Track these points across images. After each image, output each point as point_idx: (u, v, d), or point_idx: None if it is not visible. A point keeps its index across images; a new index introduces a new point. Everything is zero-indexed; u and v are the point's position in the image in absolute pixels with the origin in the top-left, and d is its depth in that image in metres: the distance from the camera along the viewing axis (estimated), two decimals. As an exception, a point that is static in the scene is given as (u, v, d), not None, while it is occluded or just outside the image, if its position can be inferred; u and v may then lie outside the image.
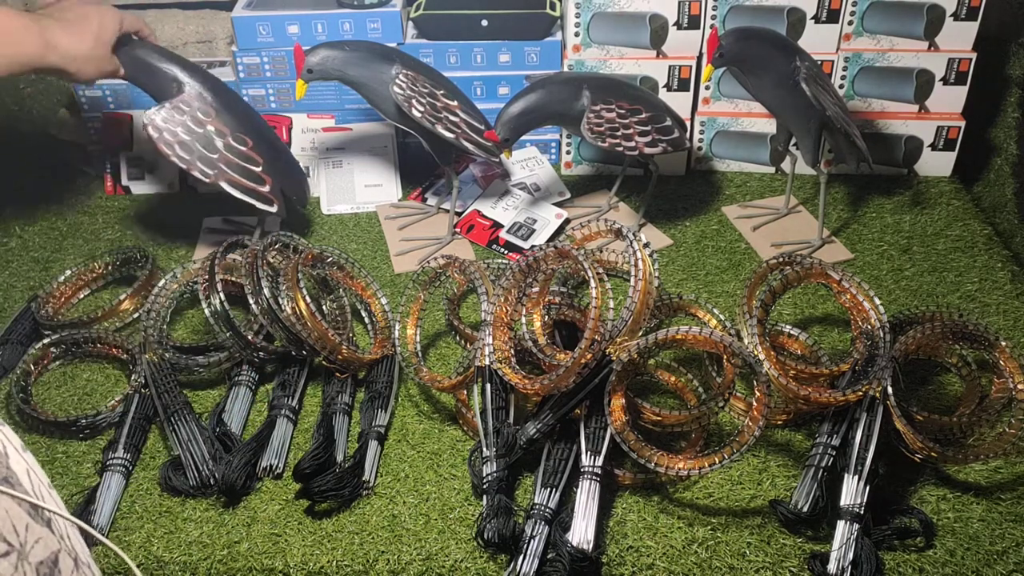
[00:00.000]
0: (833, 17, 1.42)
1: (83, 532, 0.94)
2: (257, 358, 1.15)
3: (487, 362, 1.03)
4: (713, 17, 1.44)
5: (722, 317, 1.14)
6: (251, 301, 1.12)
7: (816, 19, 1.43)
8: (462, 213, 1.47)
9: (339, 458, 1.03)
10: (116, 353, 1.21)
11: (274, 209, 1.31)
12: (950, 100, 1.47)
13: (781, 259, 1.09)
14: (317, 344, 1.09)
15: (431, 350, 1.22)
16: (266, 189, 1.30)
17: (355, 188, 1.53)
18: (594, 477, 0.95)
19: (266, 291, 1.10)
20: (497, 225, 1.43)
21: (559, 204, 1.48)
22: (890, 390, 0.97)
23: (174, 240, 1.45)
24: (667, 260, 1.36)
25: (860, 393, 0.98)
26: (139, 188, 1.57)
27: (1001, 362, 1.02)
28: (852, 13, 1.42)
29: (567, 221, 1.44)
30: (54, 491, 0.75)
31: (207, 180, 1.25)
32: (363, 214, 1.50)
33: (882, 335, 1.01)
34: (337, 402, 1.10)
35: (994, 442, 0.98)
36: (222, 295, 1.14)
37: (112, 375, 1.20)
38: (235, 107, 1.30)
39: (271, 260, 1.21)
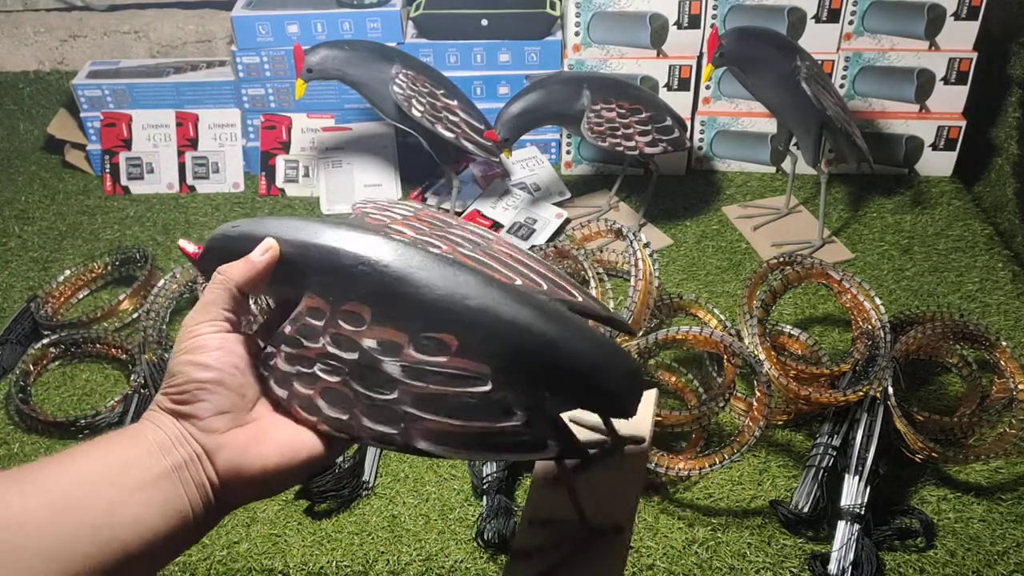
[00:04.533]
0: (834, 17, 1.42)
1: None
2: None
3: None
4: (713, 17, 1.44)
5: (722, 317, 1.13)
6: (251, 301, 1.12)
7: (817, 19, 1.43)
8: (462, 213, 1.46)
9: (338, 458, 1.03)
10: (115, 353, 1.20)
11: None
12: (951, 100, 1.47)
13: (782, 259, 1.08)
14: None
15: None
16: None
17: (355, 188, 1.53)
18: (594, 477, 0.94)
19: (266, 291, 1.10)
20: (497, 225, 1.43)
21: (559, 204, 1.48)
22: (891, 390, 0.97)
23: (174, 240, 1.45)
24: (667, 260, 1.36)
25: (861, 393, 0.97)
26: (138, 188, 1.57)
27: (1002, 362, 1.02)
28: (853, 13, 1.42)
29: (567, 221, 1.44)
30: None
31: None
32: (363, 214, 1.50)
33: (883, 335, 1.01)
34: (337, 402, 1.10)
35: (995, 442, 0.97)
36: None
37: (111, 375, 1.19)
38: None
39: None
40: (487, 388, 0.48)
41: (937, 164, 1.51)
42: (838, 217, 1.44)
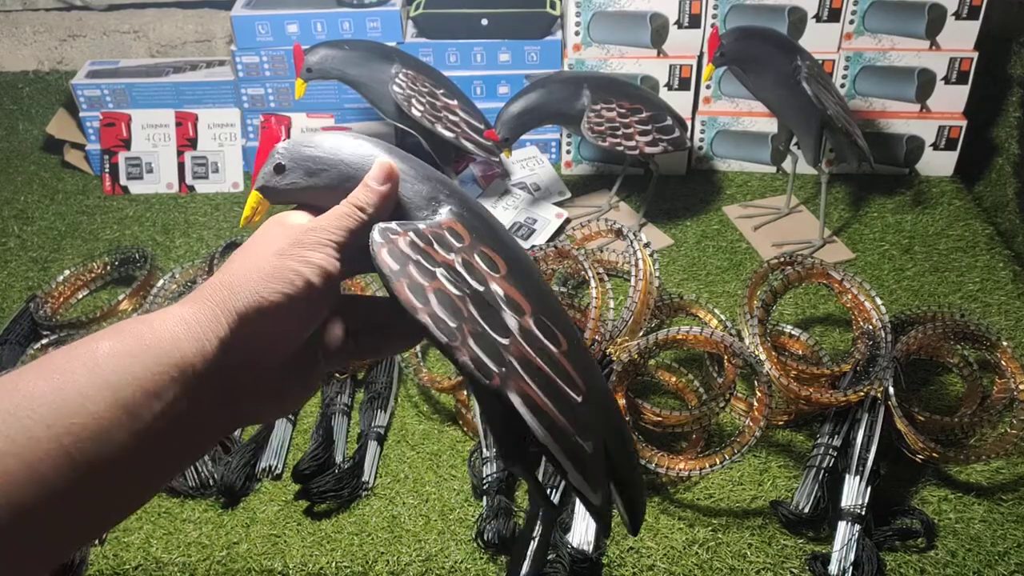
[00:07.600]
0: (834, 16, 1.42)
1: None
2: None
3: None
4: (714, 16, 1.44)
5: (723, 317, 1.13)
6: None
7: (817, 18, 1.43)
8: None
9: (338, 459, 1.03)
10: (115, 353, 1.20)
11: None
12: (952, 99, 1.46)
13: (782, 259, 1.08)
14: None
15: (431, 350, 1.21)
16: None
17: (355, 188, 1.53)
18: (594, 478, 0.94)
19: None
20: (497, 225, 1.43)
21: (559, 204, 1.48)
22: (891, 390, 0.97)
23: (174, 240, 1.44)
24: (668, 260, 1.36)
25: (861, 393, 0.97)
26: (138, 188, 1.57)
27: (1003, 362, 1.01)
28: (853, 12, 1.42)
29: (567, 221, 1.44)
30: None
31: None
32: (363, 214, 1.50)
33: (883, 335, 1.01)
34: (336, 403, 1.10)
35: (996, 443, 0.97)
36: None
37: (111, 375, 1.19)
38: None
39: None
40: (579, 399, 0.51)
41: (938, 164, 1.51)
42: (839, 217, 1.44)
